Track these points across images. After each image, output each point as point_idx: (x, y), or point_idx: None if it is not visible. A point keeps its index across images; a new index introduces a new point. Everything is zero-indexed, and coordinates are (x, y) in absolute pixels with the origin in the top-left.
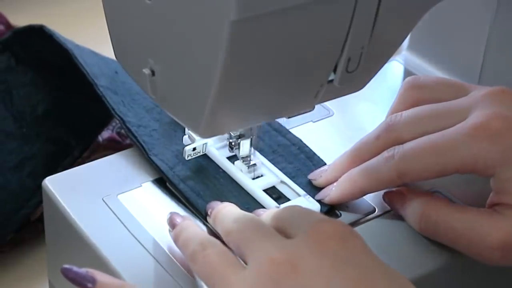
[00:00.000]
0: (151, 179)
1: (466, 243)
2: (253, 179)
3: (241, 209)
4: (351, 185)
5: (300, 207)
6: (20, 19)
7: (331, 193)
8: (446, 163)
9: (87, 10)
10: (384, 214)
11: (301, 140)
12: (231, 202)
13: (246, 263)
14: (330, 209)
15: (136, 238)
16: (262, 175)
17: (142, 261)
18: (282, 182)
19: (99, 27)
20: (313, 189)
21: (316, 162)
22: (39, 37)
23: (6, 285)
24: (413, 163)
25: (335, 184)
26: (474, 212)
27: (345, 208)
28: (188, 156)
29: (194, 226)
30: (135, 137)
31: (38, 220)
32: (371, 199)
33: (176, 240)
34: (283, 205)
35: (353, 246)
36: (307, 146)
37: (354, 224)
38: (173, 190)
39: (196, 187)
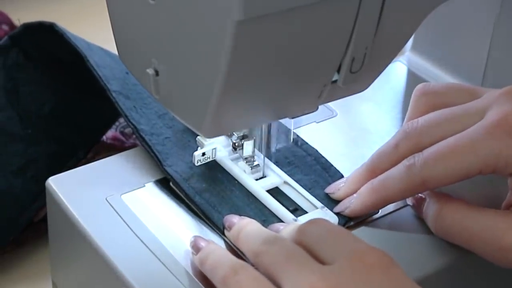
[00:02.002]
0: (155, 179)
1: (480, 244)
2: (257, 180)
3: (257, 221)
4: (373, 196)
5: (328, 223)
6: (25, 17)
7: (351, 205)
8: (468, 164)
9: (93, 8)
10: (386, 215)
11: (317, 151)
12: (248, 215)
13: (279, 285)
14: (348, 221)
15: (139, 238)
16: (265, 176)
17: (145, 261)
18: (285, 183)
19: (105, 25)
20: (330, 201)
21: (332, 173)
22: (49, 33)
23: (9, 285)
24: (436, 168)
25: (354, 195)
26: (490, 213)
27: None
28: (197, 162)
29: (221, 250)
30: (149, 146)
31: (41, 220)
32: None
33: (202, 263)
34: (300, 218)
35: (395, 276)
36: (323, 157)
37: (357, 225)
38: (176, 190)
39: (212, 199)
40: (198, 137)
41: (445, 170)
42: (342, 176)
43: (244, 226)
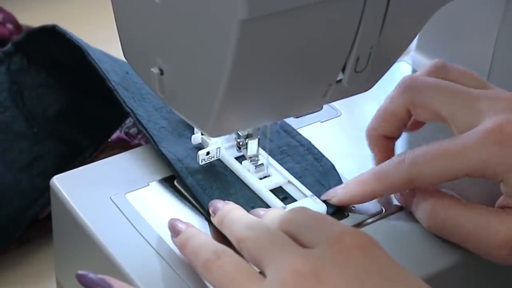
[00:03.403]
0: (159, 178)
1: (474, 241)
2: (261, 179)
3: (246, 208)
4: (361, 188)
5: (310, 211)
6: (25, 17)
7: (339, 194)
8: (456, 168)
9: (93, 8)
10: (391, 214)
11: (310, 142)
12: (238, 200)
13: (262, 272)
14: (337, 210)
15: (143, 237)
16: (269, 175)
17: (149, 259)
18: (289, 182)
19: (105, 25)
20: (319, 190)
21: (324, 163)
22: (51, 38)
23: (13, 283)
24: (424, 168)
25: (342, 185)
26: (483, 211)
27: (352, 208)
28: (202, 161)
29: (201, 234)
30: (146, 128)
31: (46, 218)
32: (378, 199)
33: (182, 247)
34: (289, 206)
35: (375, 256)
36: (316, 148)
37: (361, 224)
38: (180, 188)
39: (203, 181)
40: (202, 136)
41: (433, 171)
42: (333, 166)
43: (228, 212)
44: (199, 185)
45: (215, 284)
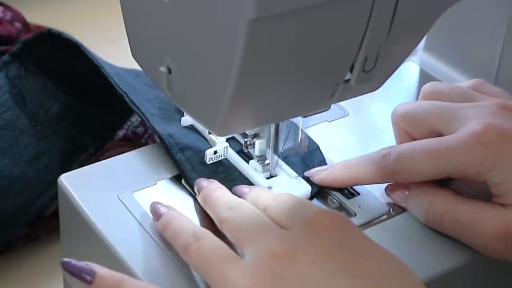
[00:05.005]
0: (166, 177)
1: (470, 235)
2: (268, 178)
3: (232, 186)
4: (345, 172)
5: (291, 195)
6: (36, 16)
7: (322, 174)
8: (438, 167)
9: (103, 7)
10: (398, 215)
11: (296, 125)
12: (225, 178)
13: (241, 250)
14: (320, 191)
15: (150, 236)
16: (276, 175)
17: (156, 258)
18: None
19: (115, 24)
20: (304, 169)
21: (309, 143)
22: (48, 45)
23: (20, 282)
24: (407, 163)
25: (327, 166)
26: (479, 204)
27: (359, 208)
28: (209, 160)
29: (181, 217)
30: (138, 107)
31: (52, 216)
32: (385, 199)
33: (163, 230)
34: (275, 186)
35: (348, 233)
36: (302, 130)
37: (369, 224)
38: (188, 187)
39: (193, 158)
40: (210, 135)
41: (415, 167)
42: (317, 147)
43: (212, 192)
44: (189, 161)
45: (194, 265)
